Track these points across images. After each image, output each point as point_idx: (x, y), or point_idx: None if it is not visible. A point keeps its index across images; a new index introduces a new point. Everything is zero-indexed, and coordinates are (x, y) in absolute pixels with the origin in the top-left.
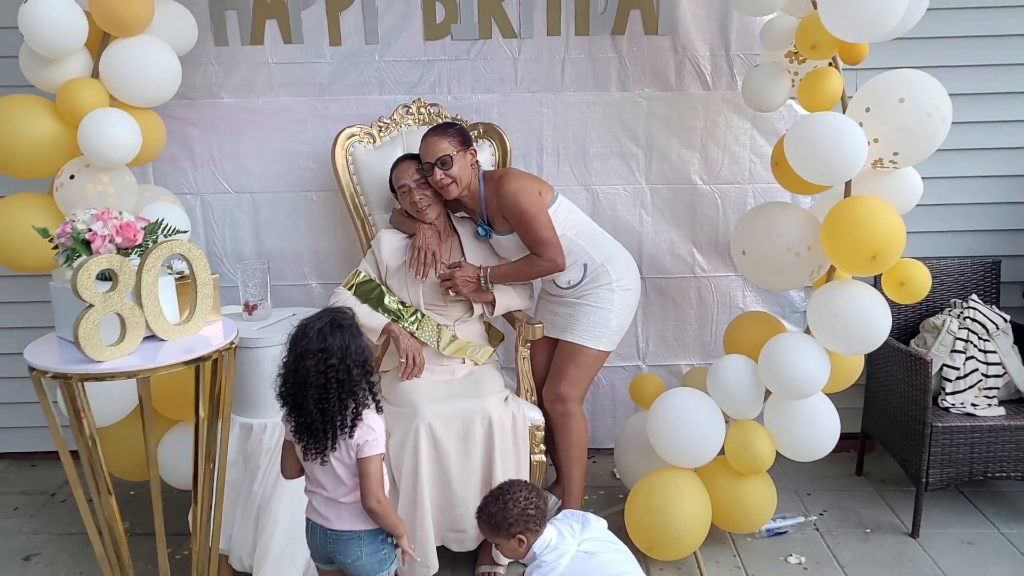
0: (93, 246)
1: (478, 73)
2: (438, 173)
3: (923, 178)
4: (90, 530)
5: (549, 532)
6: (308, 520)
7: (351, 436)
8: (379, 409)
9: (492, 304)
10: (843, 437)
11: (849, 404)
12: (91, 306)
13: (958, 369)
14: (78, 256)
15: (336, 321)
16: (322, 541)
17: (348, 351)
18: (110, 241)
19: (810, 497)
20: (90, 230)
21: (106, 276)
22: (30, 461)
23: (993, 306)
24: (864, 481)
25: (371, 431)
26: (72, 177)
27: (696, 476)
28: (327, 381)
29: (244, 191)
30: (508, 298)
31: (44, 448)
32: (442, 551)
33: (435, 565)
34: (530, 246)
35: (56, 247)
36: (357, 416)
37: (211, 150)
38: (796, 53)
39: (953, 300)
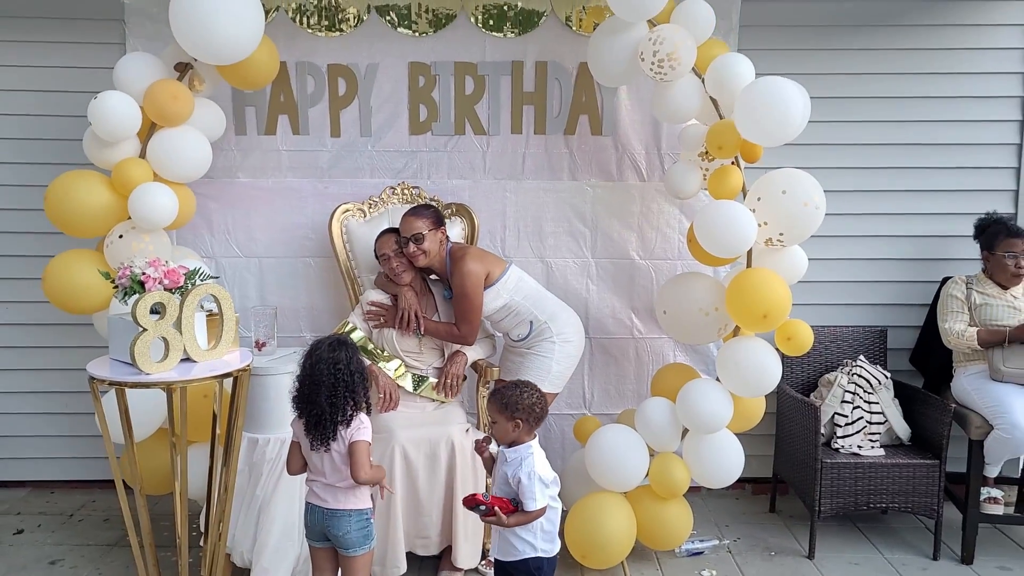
0: (146, 286)
1: (453, 162)
2: (412, 246)
3: (822, 259)
4: (130, 530)
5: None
6: (308, 504)
7: (347, 427)
8: (369, 410)
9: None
10: (759, 481)
11: (763, 452)
12: (144, 330)
13: (847, 416)
14: (134, 293)
15: (341, 340)
16: (320, 519)
17: (351, 361)
18: (159, 282)
19: (728, 528)
20: (144, 273)
21: (155, 309)
22: (49, 489)
23: (878, 366)
24: (775, 517)
25: (361, 423)
26: (121, 236)
27: (624, 499)
28: (336, 381)
29: (252, 256)
30: (474, 352)
31: (61, 478)
32: (409, 556)
33: (404, 566)
34: (456, 318)
35: (116, 286)
36: (356, 411)
37: (226, 221)
38: (707, 153)
39: (845, 360)
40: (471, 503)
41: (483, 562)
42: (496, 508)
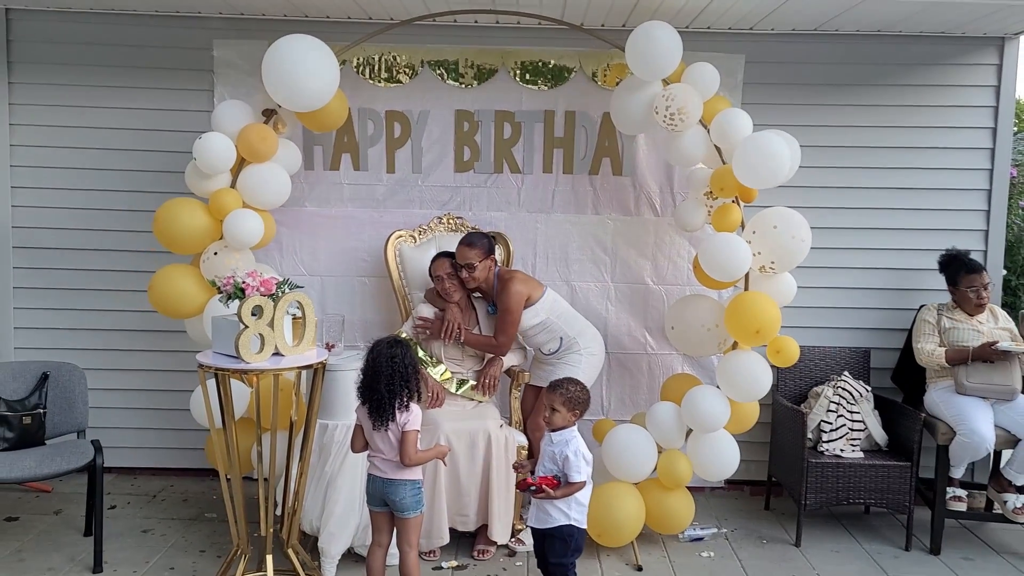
0: (246, 292)
1: (492, 197)
2: (465, 272)
3: (816, 288)
4: (225, 497)
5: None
6: (370, 475)
7: (405, 410)
8: (419, 399)
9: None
10: (756, 484)
11: (760, 457)
12: (247, 327)
13: (831, 424)
14: (237, 298)
15: (397, 339)
16: (380, 487)
17: (407, 356)
18: (256, 290)
19: (726, 521)
20: (244, 282)
21: (254, 311)
22: (132, 476)
23: (860, 380)
24: (769, 513)
25: (413, 413)
26: (215, 253)
27: (635, 488)
28: (393, 372)
29: (315, 274)
30: (509, 359)
31: (143, 465)
32: (450, 531)
33: (447, 537)
34: (496, 330)
35: (220, 292)
36: (410, 398)
37: (294, 244)
38: (710, 193)
39: (831, 376)
40: (524, 487)
41: (513, 539)
42: (543, 485)
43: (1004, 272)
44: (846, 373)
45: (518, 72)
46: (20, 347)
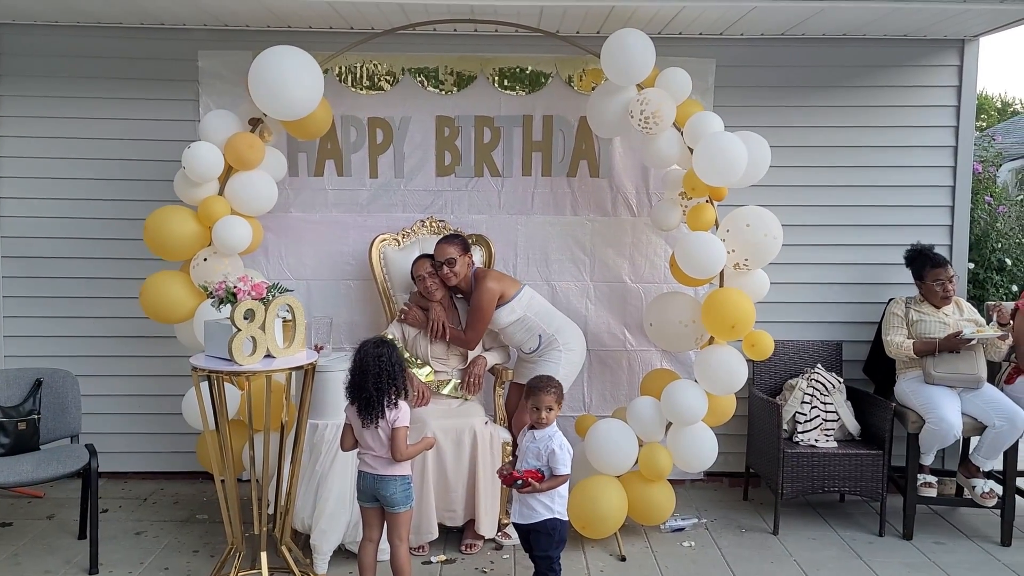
0: (238, 297)
1: (473, 200)
2: (445, 269)
3: (789, 283)
4: (220, 497)
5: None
6: (361, 472)
7: (394, 407)
8: (407, 396)
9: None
10: (734, 476)
11: (738, 449)
12: (239, 330)
13: (806, 415)
14: (229, 303)
15: (383, 340)
16: (370, 484)
17: (393, 355)
18: (248, 294)
19: (706, 512)
20: (236, 287)
21: (245, 315)
22: (122, 480)
23: (833, 372)
24: (748, 504)
25: (401, 411)
26: (205, 259)
27: (617, 481)
28: (380, 370)
29: (301, 279)
30: (492, 358)
31: (132, 469)
32: (439, 526)
33: (436, 532)
34: (466, 324)
35: (212, 296)
36: (398, 396)
37: (280, 249)
38: (685, 193)
39: (805, 368)
40: (509, 480)
41: (500, 533)
42: (530, 479)
43: (971, 265)
44: (819, 366)
45: (496, 78)
46: (11, 355)
